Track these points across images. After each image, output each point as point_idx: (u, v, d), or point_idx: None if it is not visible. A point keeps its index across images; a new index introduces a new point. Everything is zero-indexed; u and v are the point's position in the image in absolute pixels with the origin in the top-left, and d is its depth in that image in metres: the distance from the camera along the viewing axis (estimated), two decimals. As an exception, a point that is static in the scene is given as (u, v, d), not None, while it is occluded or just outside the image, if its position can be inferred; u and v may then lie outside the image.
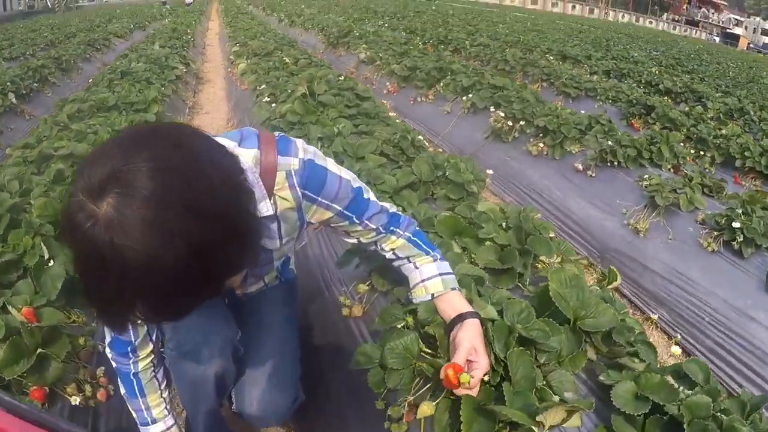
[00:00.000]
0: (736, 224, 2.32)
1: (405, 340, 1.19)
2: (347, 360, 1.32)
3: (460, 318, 1.17)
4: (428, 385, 1.18)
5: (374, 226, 1.22)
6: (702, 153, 4.05)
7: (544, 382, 1.13)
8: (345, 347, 1.53)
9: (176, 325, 1.19)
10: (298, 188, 1.06)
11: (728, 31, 42.25)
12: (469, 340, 1.10)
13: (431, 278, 1.26)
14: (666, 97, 6.09)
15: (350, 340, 1.54)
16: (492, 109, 4.32)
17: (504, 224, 1.84)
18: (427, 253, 1.29)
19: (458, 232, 1.74)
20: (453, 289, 1.26)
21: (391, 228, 1.25)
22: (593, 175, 3.25)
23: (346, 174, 1.16)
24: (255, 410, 1.26)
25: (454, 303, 1.22)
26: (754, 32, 39.63)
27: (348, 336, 1.56)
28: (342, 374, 1.50)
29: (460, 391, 1.07)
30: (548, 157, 3.61)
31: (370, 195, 1.21)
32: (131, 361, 1.23)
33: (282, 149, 1.05)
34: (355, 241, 1.26)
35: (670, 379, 1.14)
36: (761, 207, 2.49)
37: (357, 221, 1.18)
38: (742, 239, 2.30)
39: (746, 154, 3.89)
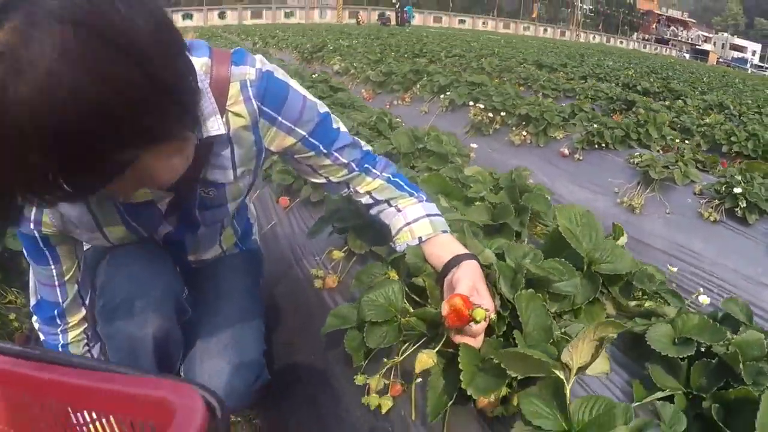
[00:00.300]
0: (737, 190, 2.17)
1: (387, 290, 0.98)
2: (320, 335, 1.11)
3: (456, 260, 0.97)
4: (418, 344, 0.97)
5: (345, 161, 1.02)
6: (687, 141, 3.95)
7: (562, 332, 0.93)
8: (318, 322, 1.31)
9: (107, 277, 0.97)
10: (254, 100, 0.87)
11: (698, 47, 43.51)
12: (469, 278, 0.90)
13: (418, 220, 1.06)
14: (645, 98, 6.05)
15: (323, 313, 1.31)
16: (471, 104, 4.19)
17: (494, 186, 1.66)
18: (411, 195, 1.10)
19: (445, 193, 1.54)
20: (444, 232, 1.06)
21: (366, 166, 1.06)
22: (581, 158, 3.10)
23: (312, 97, 0.97)
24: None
25: (448, 245, 1.02)
26: (723, 47, 40.91)
27: (321, 309, 1.33)
28: (314, 352, 1.28)
29: (460, 339, 0.86)
30: (532, 145, 3.46)
31: (340, 125, 1.02)
32: (59, 329, 1.01)
33: (237, 60, 0.87)
34: (323, 180, 1.06)
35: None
36: (760, 175, 2.35)
37: (325, 151, 0.98)
38: (745, 205, 2.15)
39: (732, 139, 3.80)
